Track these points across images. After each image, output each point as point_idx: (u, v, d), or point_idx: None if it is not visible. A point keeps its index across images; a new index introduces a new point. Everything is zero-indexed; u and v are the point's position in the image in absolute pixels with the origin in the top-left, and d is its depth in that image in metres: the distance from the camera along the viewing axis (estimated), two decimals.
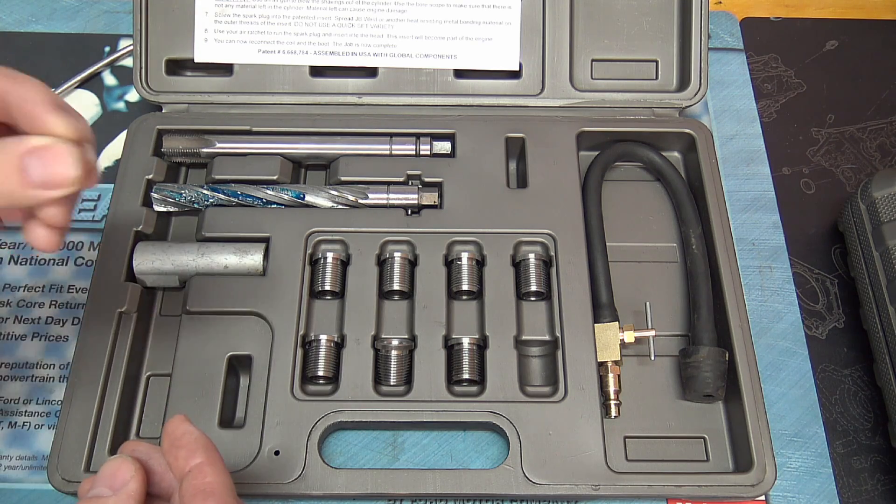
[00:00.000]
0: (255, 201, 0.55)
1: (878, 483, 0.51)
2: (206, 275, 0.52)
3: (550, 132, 0.58)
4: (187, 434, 0.34)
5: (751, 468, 0.46)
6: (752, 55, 0.69)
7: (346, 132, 0.58)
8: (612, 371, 0.50)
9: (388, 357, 0.50)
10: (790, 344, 0.55)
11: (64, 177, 0.33)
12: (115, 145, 0.61)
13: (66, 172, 0.33)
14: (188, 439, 0.34)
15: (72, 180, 0.33)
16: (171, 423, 0.35)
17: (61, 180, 0.33)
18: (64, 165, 0.32)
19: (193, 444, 0.34)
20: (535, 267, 0.53)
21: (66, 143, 0.33)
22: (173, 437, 0.34)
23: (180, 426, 0.35)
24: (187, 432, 0.34)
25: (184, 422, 0.35)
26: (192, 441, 0.34)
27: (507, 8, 0.59)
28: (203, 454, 0.34)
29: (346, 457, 0.50)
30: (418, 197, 0.55)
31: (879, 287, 0.52)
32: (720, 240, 0.54)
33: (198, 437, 0.34)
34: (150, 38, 0.58)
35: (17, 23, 0.67)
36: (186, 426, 0.35)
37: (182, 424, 0.35)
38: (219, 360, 0.49)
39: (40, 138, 0.33)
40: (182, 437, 0.34)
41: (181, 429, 0.35)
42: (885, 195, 0.54)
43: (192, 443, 0.34)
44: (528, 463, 0.46)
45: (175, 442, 0.34)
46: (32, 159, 0.32)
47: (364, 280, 0.52)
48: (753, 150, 0.63)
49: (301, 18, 0.59)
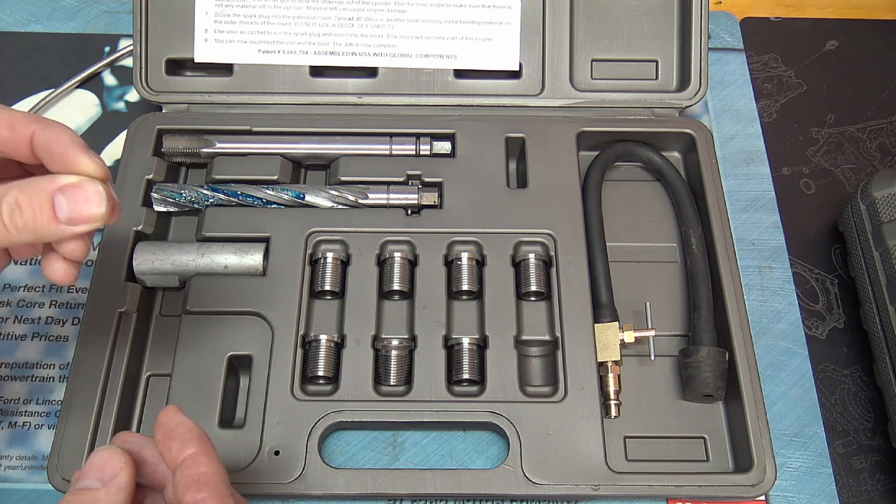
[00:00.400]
0: (255, 201, 0.55)
1: (878, 483, 0.51)
2: (206, 275, 0.52)
3: (550, 132, 0.58)
4: (180, 425, 0.34)
5: (751, 468, 0.46)
6: (752, 55, 0.69)
7: (346, 132, 0.58)
8: (612, 371, 0.50)
9: (388, 357, 0.50)
10: (790, 344, 0.55)
11: (92, 214, 0.35)
12: (115, 145, 0.62)
13: (95, 210, 0.35)
14: (181, 430, 0.34)
15: (99, 217, 0.35)
16: (165, 414, 0.35)
17: (89, 216, 0.35)
18: (92, 203, 0.34)
19: (187, 435, 0.34)
20: (535, 267, 0.53)
21: (94, 182, 0.35)
22: (166, 427, 0.34)
23: (173, 416, 0.35)
24: (180, 423, 0.34)
25: (177, 412, 0.35)
26: (185, 432, 0.34)
27: (507, 8, 0.59)
28: (196, 444, 0.33)
29: (346, 457, 0.50)
30: (418, 197, 0.55)
31: (879, 287, 0.52)
32: (720, 240, 0.54)
33: (191, 427, 0.34)
34: (150, 38, 0.58)
35: (17, 23, 0.67)
36: (179, 417, 0.35)
37: (175, 415, 0.35)
38: (219, 360, 0.49)
39: (70, 177, 0.35)
40: (175, 427, 0.34)
41: (174, 419, 0.34)
42: (885, 195, 0.54)
43: (186, 433, 0.34)
44: (528, 463, 0.46)
45: (168, 432, 0.34)
46: (62, 197, 0.34)
47: (364, 280, 0.52)
48: (753, 150, 0.63)
49: (301, 18, 0.59)
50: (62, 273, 0.38)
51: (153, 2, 0.58)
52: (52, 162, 0.35)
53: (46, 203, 0.34)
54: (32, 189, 0.34)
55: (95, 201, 0.34)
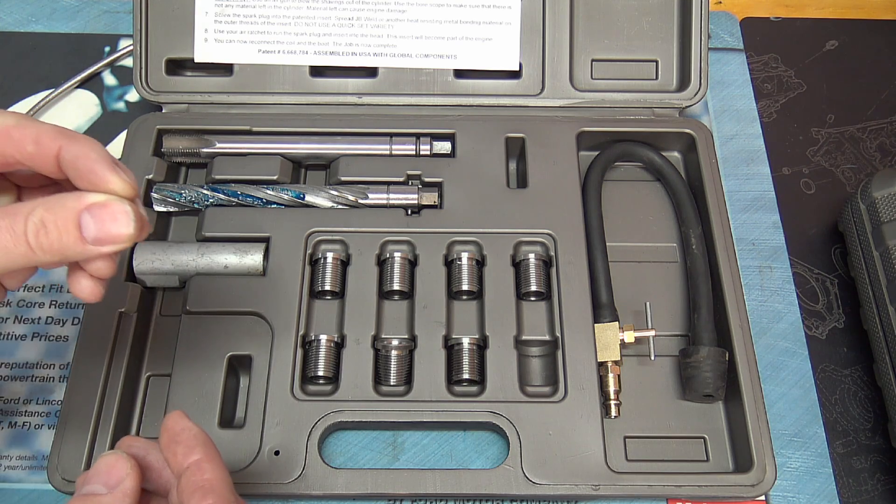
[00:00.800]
0: (255, 201, 0.55)
1: (878, 483, 0.51)
2: (206, 275, 0.52)
3: (550, 132, 0.58)
4: (185, 430, 0.34)
5: (751, 468, 0.46)
6: (752, 55, 0.69)
7: (346, 132, 0.58)
8: (612, 371, 0.50)
9: (388, 357, 0.50)
10: (790, 344, 0.55)
11: (119, 234, 0.33)
12: (115, 145, 0.62)
13: (123, 230, 0.33)
14: (186, 435, 0.34)
15: (127, 237, 0.34)
16: (170, 419, 0.35)
17: (116, 237, 0.33)
18: (120, 223, 0.33)
19: (192, 441, 0.34)
20: (535, 267, 0.53)
21: (122, 202, 0.34)
22: (171, 432, 0.34)
23: (179, 422, 0.35)
24: (186, 428, 0.34)
25: (182, 417, 0.35)
26: (190, 437, 0.34)
27: (507, 8, 0.59)
28: (201, 450, 0.33)
29: (346, 457, 0.50)
30: (418, 197, 0.55)
31: (879, 287, 0.52)
32: (720, 240, 0.54)
33: (196, 433, 0.34)
34: (150, 38, 0.58)
35: (17, 23, 0.67)
36: (185, 422, 0.35)
37: (180, 420, 0.35)
38: (219, 360, 0.49)
39: (97, 195, 0.33)
40: (181, 433, 0.34)
41: (179, 424, 0.34)
42: (885, 195, 0.54)
43: (191, 439, 0.34)
44: (528, 463, 0.46)
45: (173, 438, 0.34)
46: (89, 217, 0.33)
47: (364, 280, 0.52)
48: (753, 150, 0.63)
49: (301, 18, 0.59)
50: (88, 290, 0.36)
51: (153, 2, 0.58)
52: (79, 178, 0.34)
53: (73, 223, 0.33)
54: (58, 208, 0.33)
55: (123, 221, 0.33)
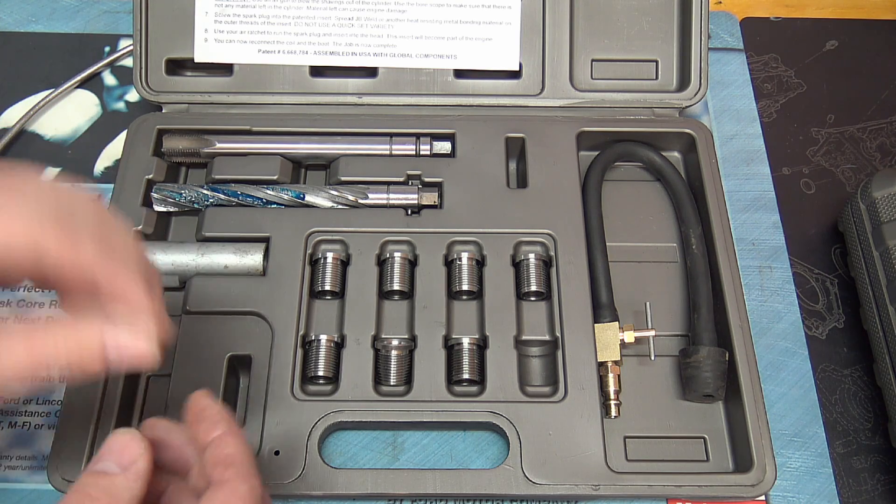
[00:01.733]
0: (255, 201, 0.55)
1: (878, 483, 0.51)
2: (206, 275, 0.52)
3: (550, 132, 0.58)
4: (209, 408, 0.36)
5: (751, 468, 0.46)
6: (752, 55, 0.69)
7: (346, 132, 0.58)
8: (612, 371, 0.50)
9: (388, 357, 0.50)
10: (790, 344, 0.55)
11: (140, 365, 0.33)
12: (115, 145, 0.61)
13: (144, 364, 0.33)
14: (210, 412, 0.36)
15: (146, 367, 0.34)
16: (194, 399, 0.36)
17: (136, 365, 0.33)
18: (143, 359, 0.33)
19: (216, 416, 0.35)
20: (535, 267, 0.53)
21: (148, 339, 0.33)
22: (196, 409, 0.36)
23: (202, 400, 0.36)
24: (209, 406, 0.36)
25: (206, 396, 0.37)
26: (214, 413, 0.35)
27: (507, 8, 0.59)
28: (225, 426, 0.35)
29: (346, 457, 0.50)
30: (418, 197, 0.55)
31: (879, 287, 0.52)
32: (720, 240, 0.54)
33: (219, 410, 0.36)
34: (150, 38, 0.58)
35: (17, 23, 0.67)
36: (208, 401, 0.36)
37: (204, 399, 0.36)
38: (219, 360, 0.49)
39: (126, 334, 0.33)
40: (204, 409, 0.36)
41: (203, 402, 0.36)
42: (885, 195, 0.54)
43: (215, 415, 0.35)
44: (528, 463, 0.46)
45: (198, 414, 0.36)
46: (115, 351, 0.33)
47: (364, 280, 0.52)
48: (753, 150, 0.63)
49: (301, 18, 0.59)
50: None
51: (153, 2, 0.58)
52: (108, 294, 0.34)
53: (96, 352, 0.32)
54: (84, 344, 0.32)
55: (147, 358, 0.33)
